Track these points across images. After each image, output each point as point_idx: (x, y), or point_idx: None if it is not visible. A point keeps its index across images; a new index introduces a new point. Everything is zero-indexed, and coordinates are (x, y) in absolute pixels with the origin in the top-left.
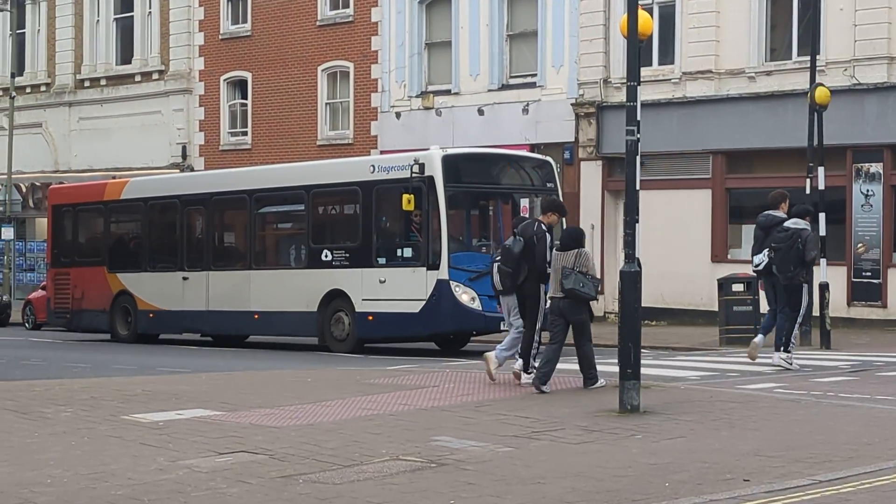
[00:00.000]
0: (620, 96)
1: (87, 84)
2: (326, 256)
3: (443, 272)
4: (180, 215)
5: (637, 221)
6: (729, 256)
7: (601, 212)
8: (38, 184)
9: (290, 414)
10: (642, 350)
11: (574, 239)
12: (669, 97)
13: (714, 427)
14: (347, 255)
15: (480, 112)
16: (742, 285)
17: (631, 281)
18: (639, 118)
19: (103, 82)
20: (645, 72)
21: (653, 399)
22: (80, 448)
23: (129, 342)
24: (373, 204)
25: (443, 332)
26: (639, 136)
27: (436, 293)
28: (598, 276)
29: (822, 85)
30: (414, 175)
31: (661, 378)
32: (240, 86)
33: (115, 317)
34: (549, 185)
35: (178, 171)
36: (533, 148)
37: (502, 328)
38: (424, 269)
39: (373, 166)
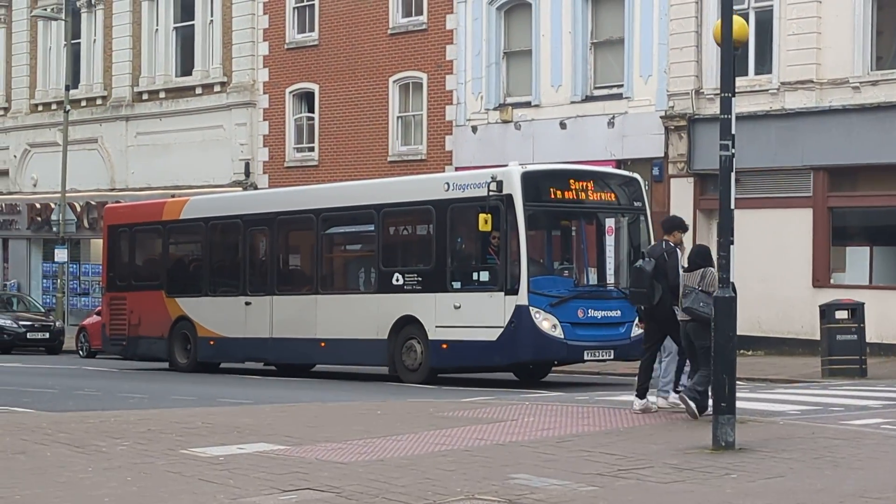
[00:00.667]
0: (713, 108)
1: (145, 97)
2: (398, 280)
3: (522, 297)
4: (243, 236)
5: (732, 243)
6: (832, 281)
7: (693, 233)
8: (93, 203)
9: (358, 449)
10: (738, 382)
11: (702, 257)
12: (767, 109)
13: (816, 466)
14: (420, 278)
15: (562, 125)
16: (846, 312)
17: (725, 308)
18: (733, 132)
19: (162, 95)
20: (740, 82)
21: (749, 435)
22: (136, 484)
23: (189, 371)
24: (447, 224)
25: (522, 362)
26: (733, 150)
27: (514, 320)
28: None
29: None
30: (491, 193)
31: (758, 412)
32: (306, 98)
33: (173, 344)
34: (636, 203)
35: (240, 188)
36: (619, 164)
37: (586, 358)
38: (502, 293)
39: (447, 184)
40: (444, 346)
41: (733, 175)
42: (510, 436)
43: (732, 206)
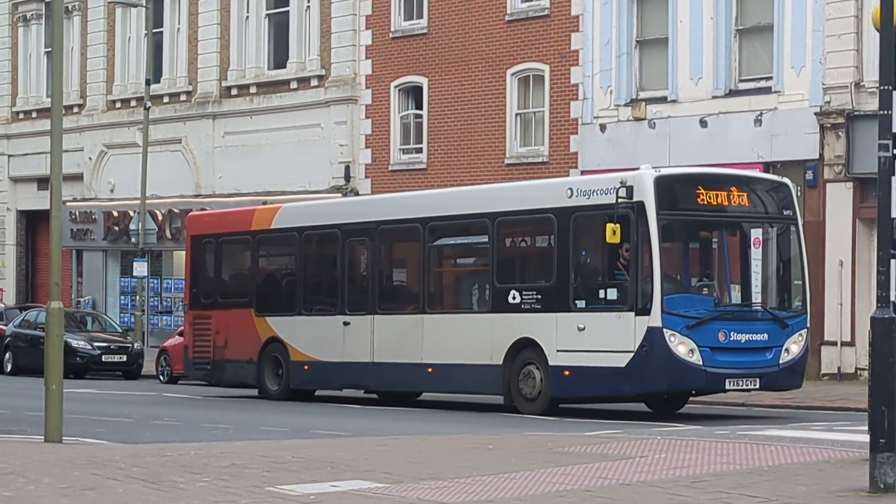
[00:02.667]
0: (875, 103)
1: (234, 92)
2: (514, 298)
3: (655, 318)
4: (341, 248)
5: (894, 257)
6: None
7: (852, 244)
8: (176, 210)
9: (466, 487)
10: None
11: None
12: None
13: None
14: (539, 296)
15: (703, 123)
16: None
17: (884, 330)
18: (895, 129)
19: (253, 90)
20: None
21: None
22: None
23: (280, 399)
24: (570, 235)
25: (654, 391)
26: (889, 154)
27: (646, 343)
28: None
29: None
30: (620, 200)
31: None
32: (414, 93)
33: (263, 369)
34: (786, 212)
35: (339, 195)
36: (767, 167)
37: (727, 387)
38: (633, 314)
39: (570, 190)
40: (567, 372)
41: (895, 180)
42: (638, 475)
43: (894, 215)
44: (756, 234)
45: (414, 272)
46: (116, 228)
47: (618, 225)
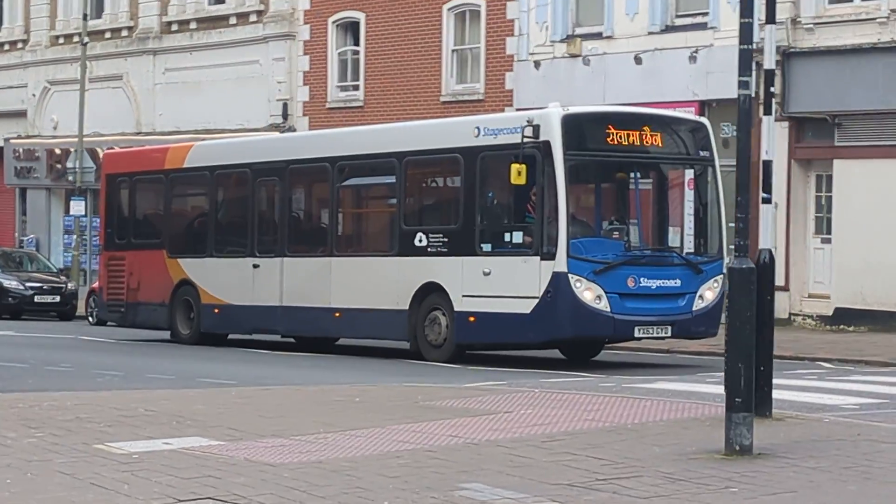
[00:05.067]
0: (813, 40)
1: (174, 28)
2: (421, 241)
3: (560, 263)
4: (251, 188)
5: (767, 201)
6: None
7: (787, 186)
8: (117, 148)
9: (304, 447)
10: (824, 363)
11: None
12: (874, 41)
13: (842, 478)
14: (446, 239)
15: (638, 60)
16: None
17: (743, 281)
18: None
19: (193, 26)
20: (843, 9)
21: (779, 436)
22: (12, 487)
23: (191, 343)
24: (477, 176)
25: (560, 339)
26: (750, 92)
27: (551, 289)
28: None
29: None
30: (527, 140)
31: (806, 406)
32: (352, 29)
33: (175, 312)
34: (703, 153)
35: (277, 132)
36: (703, 105)
37: (637, 335)
38: (538, 258)
39: (477, 129)
40: (472, 318)
41: (769, 120)
42: (493, 433)
43: (766, 157)
44: (670, 176)
45: (323, 213)
46: (59, 166)
47: (524, 165)
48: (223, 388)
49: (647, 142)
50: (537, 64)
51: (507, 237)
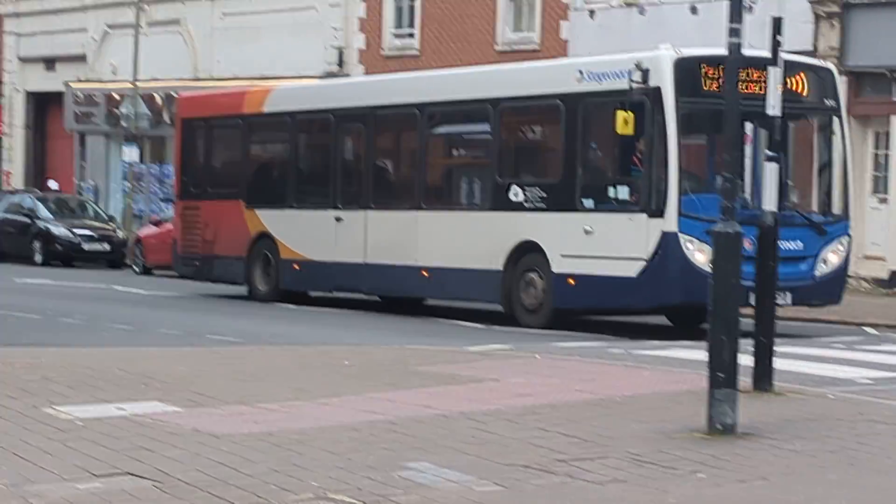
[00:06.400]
0: None
1: None
2: (516, 196)
3: (670, 222)
4: (334, 135)
5: (775, 159)
6: None
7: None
8: (174, 94)
9: (262, 416)
10: (869, 329)
11: None
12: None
13: (824, 465)
14: (544, 194)
15: (693, 10)
16: None
17: (729, 246)
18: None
19: None
20: None
21: (773, 413)
22: None
23: (269, 300)
24: (579, 124)
25: (667, 305)
26: (739, 40)
27: (660, 251)
28: None
29: None
30: (635, 85)
31: (818, 380)
32: None
33: (253, 267)
34: (828, 102)
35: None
36: None
37: (752, 302)
38: (645, 216)
39: (580, 72)
40: (571, 281)
41: (776, 71)
42: (470, 403)
43: (772, 112)
44: (794, 126)
45: (410, 164)
46: (117, 112)
47: (630, 113)
48: (221, 346)
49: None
50: (592, 13)
51: (611, 192)
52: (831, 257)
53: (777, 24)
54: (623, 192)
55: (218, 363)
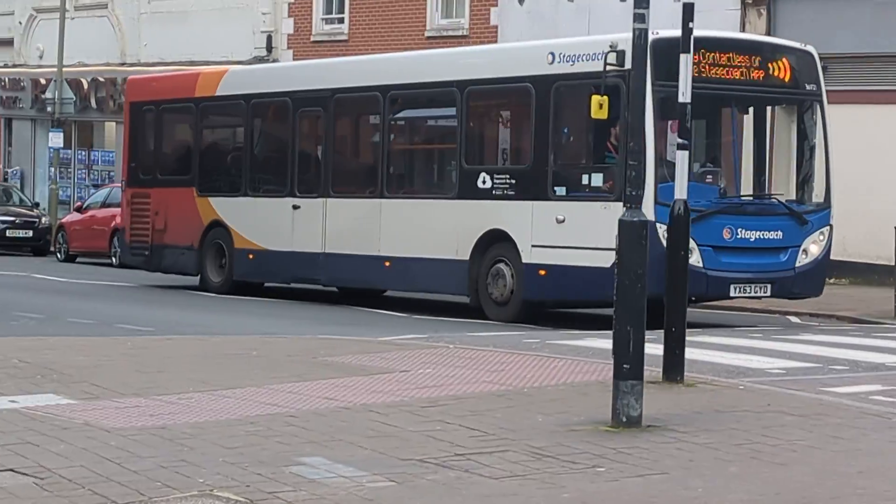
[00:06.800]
0: None
1: None
2: (484, 183)
3: (647, 210)
4: (291, 119)
5: (685, 147)
6: None
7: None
8: (101, 79)
9: (159, 408)
10: (793, 318)
11: None
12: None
13: (726, 458)
14: (513, 181)
15: None
16: None
17: (634, 236)
18: None
19: None
20: None
21: (682, 405)
22: None
23: (222, 292)
24: (551, 109)
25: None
26: (645, 26)
27: None
28: None
29: None
30: (609, 67)
31: (731, 370)
32: None
33: (205, 257)
34: (809, 86)
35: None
36: None
37: (732, 294)
38: (620, 205)
39: (552, 54)
40: (542, 272)
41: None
42: (374, 395)
43: (683, 99)
44: (773, 111)
45: (372, 149)
46: (44, 97)
47: (605, 97)
48: (130, 336)
49: (747, 72)
50: (521, 0)
51: (584, 180)
52: (812, 248)
53: (688, 11)
54: (597, 180)
55: (122, 354)
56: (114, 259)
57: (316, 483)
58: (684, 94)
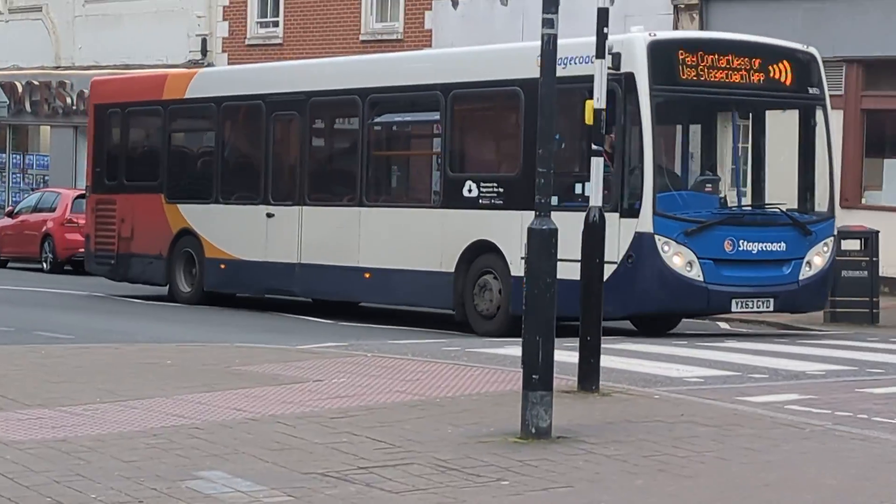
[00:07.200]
0: None
1: None
2: (471, 191)
3: (645, 222)
4: (266, 123)
5: (599, 154)
6: (864, 201)
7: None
8: (35, 82)
9: (63, 420)
10: (722, 323)
11: None
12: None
13: (633, 470)
14: (501, 189)
15: (503, 1)
16: (858, 242)
17: (543, 244)
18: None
19: None
20: None
21: (595, 415)
22: None
23: (192, 303)
24: None
25: (643, 314)
26: (554, 31)
27: (633, 253)
28: None
29: None
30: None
31: (649, 379)
32: None
33: (174, 266)
34: (812, 90)
35: (195, 69)
36: None
37: (734, 309)
38: (616, 215)
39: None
40: None
41: (602, 63)
42: (284, 406)
43: (598, 105)
44: (774, 116)
45: (351, 155)
46: None
47: None
48: (48, 344)
49: (748, 75)
50: (455, 3)
51: (577, 189)
52: (816, 260)
53: (602, 16)
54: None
55: (33, 363)
56: (44, 265)
57: (211, 498)
58: (599, 101)
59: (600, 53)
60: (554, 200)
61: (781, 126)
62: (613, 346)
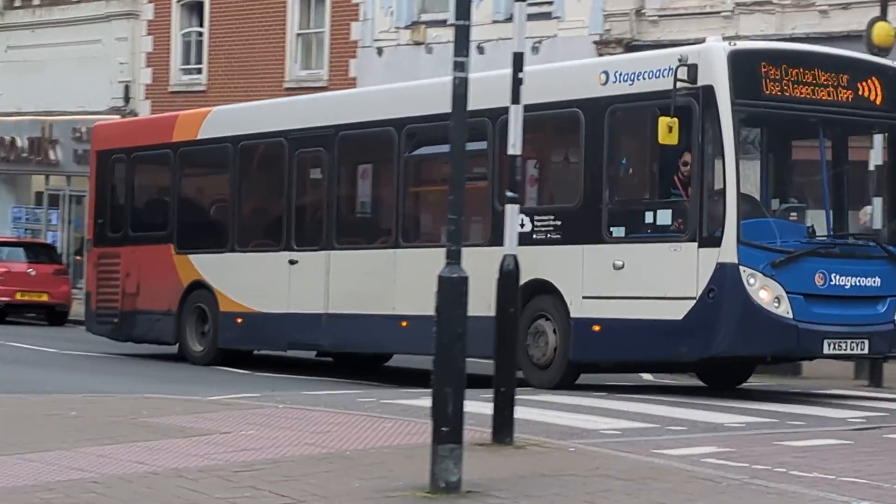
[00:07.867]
0: (657, 33)
1: (17, 3)
2: (523, 226)
3: (728, 252)
4: (287, 162)
5: (514, 200)
6: None
7: None
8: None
9: None
10: (646, 374)
11: None
12: (720, 36)
13: None
14: (559, 223)
15: (480, 50)
16: None
17: (454, 292)
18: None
19: (36, 2)
20: (689, 2)
21: (507, 469)
22: None
23: (205, 363)
24: (605, 136)
25: (725, 355)
26: (465, 74)
27: (715, 287)
28: None
29: (883, 20)
30: (680, 84)
31: (565, 431)
32: (196, 9)
33: (185, 323)
34: None
35: (119, 117)
36: None
37: (826, 351)
38: (695, 245)
39: (605, 73)
40: (596, 328)
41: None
42: (188, 459)
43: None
44: (870, 138)
45: (385, 193)
46: None
47: (675, 119)
48: None
49: (835, 92)
50: (380, 51)
51: (648, 218)
52: None
53: (518, 60)
54: (664, 217)
55: None
56: None
57: None
58: (514, 147)
59: (516, 99)
60: (620, 232)
61: (858, 148)
62: (531, 398)
